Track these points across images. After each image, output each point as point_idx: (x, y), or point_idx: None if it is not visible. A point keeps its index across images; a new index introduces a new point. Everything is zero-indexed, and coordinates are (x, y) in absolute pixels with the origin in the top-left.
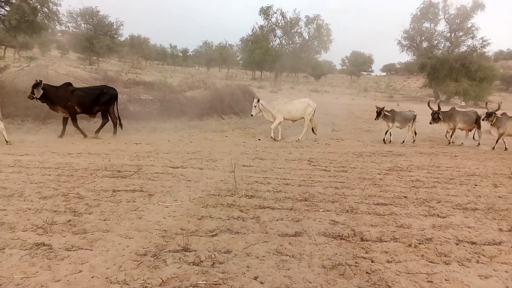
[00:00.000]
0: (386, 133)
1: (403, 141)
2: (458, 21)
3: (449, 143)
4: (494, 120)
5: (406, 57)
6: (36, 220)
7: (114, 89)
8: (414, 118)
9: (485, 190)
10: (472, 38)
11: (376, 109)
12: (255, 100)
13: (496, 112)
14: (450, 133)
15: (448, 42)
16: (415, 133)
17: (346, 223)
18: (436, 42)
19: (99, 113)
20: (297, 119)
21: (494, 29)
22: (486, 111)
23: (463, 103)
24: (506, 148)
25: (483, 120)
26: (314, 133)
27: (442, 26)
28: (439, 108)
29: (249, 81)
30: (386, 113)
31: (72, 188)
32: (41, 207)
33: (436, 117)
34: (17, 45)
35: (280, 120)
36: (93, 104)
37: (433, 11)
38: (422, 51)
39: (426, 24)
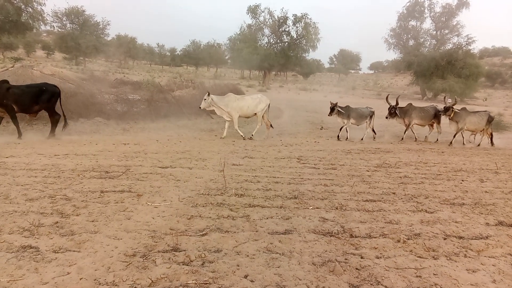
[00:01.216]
0: (340, 130)
1: (362, 139)
2: (444, 19)
3: (403, 139)
4: (452, 115)
5: (393, 55)
6: (23, 223)
7: (55, 86)
8: (371, 115)
9: (472, 185)
10: (458, 35)
11: (330, 105)
12: (206, 93)
13: (454, 107)
14: (409, 129)
15: (434, 40)
16: (374, 131)
17: (335, 220)
18: (422, 40)
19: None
20: (250, 115)
21: (479, 27)
22: (444, 105)
23: (449, 100)
24: (492, 143)
25: (441, 114)
26: (270, 127)
27: (428, 24)
28: (397, 103)
29: (238, 80)
30: (340, 109)
31: (59, 189)
32: (27, 209)
33: (392, 112)
34: (1, 45)
35: (236, 117)
36: (32, 102)
37: (419, 9)
38: (408, 49)
39: (413, 22)
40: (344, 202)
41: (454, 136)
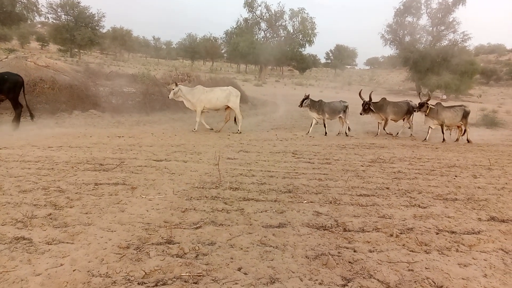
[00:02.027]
0: (311, 125)
1: (338, 133)
2: (440, 16)
3: (378, 134)
4: (427, 111)
5: (389, 51)
6: (16, 214)
7: (18, 75)
8: (344, 109)
9: (465, 181)
10: (454, 32)
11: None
12: (174, 83)
13: (429, 102)
14: (383, 124)
15: (430, 36)
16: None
17: (329, 214)
18: (418, 36)
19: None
20: (219, 108)
21: (475, 24)
22: (419, 101)
23: (444, 96)
24: (469, 140)
25: (415, 111)
26: (235, 121)
27: (424, 20)
28: (370, 99)
29: (234, 74)
30: (311, 102)
31: (53, 181)
32: (20, 200)
33: (366, 108)
34: None
35: (200, 109)
36: None
37: (415, 6)
38: (404, 45)
39: (409, 18)
40: (338, 197)
41: (443, 133)
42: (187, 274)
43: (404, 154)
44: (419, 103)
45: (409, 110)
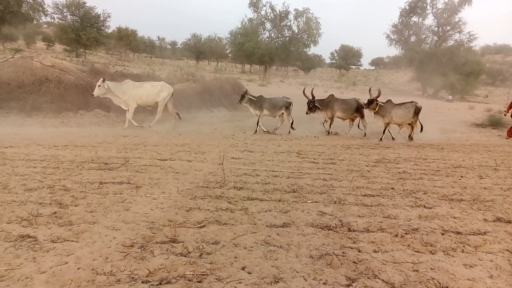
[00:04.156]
0: (258, 123)
1: (274, 129)
2: (446, 16)
3: (329, 133)
4: (376, 108)
5: (394, 51)
6: (21, 212)
7: None
8: (287, 105)
9: (471, 182)
10: (459, 32)
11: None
12: (100, 79)
13: (378, 99)
14: (329, 123)
15: (435, 36)
16: (292, 123)
17: (333, 214)
18: (424, 36)
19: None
20: (151, 104)
21: (481, 24)
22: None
23: (450, 97)
24: (412, 138)
25: (364, 108)
26: (179, 117)
27: (430, 21)
28: (313, 97)
29: (239, 74)
30: (251, 97)
31: (58, 180)
32: (26, 199)
33: (311, 106)
34: (2, 36)
35: (133, 106)
36: None
37: (421, 6)
38: (410, 45)
39: (414, 18)
40: (342, 197)
41: (384, 132)
42: (191, 273)
43: (410, 154)
44: (368, 100)
45: (358, 108)
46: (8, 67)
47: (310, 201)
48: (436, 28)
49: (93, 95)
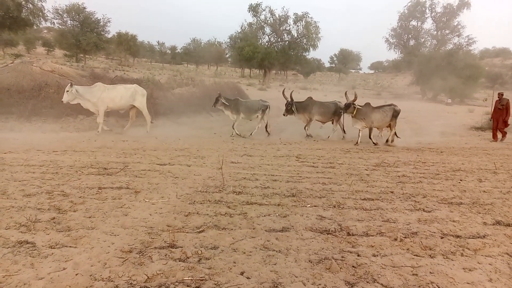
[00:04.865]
0: (233, 126)
1: (251, 134)
2: (445, 19)
3: (307, 135)
4: (354, 112)
5: (393, 55)
6: (20, 218)
7: None
8: (263, 108)
9: (470, 185)
10: (458, 36)
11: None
12: (68, 84)
13: (355, 103)
14: (307, 125)
15: (434, 40)
16: (267, 126)
17: (333, 218)
18: (423, 40)
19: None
20: (124, 108)
21: (480, 28)
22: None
23: (449, 100)
24: (392, 141)
25: (342, 112)
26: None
27: (429, 24)
28: (292, 99)
29: (238, 78)
30: (225, 101)
31: (57, 185)
32: (24, 204)
33: (289, 108)
34: (2, 42)
35: (104, 109)
36: None
37: (420, 10)
38: (409, 49)
39: (413, 22)
40: (342, 201)
41: (370, 137)
42: (189, 278)
43: (409, 158)
44: (345, 104)
45: (337, 111)
46: (8, 72)
47: (309, 205)
48: (435, 32)
49: (62, 101)
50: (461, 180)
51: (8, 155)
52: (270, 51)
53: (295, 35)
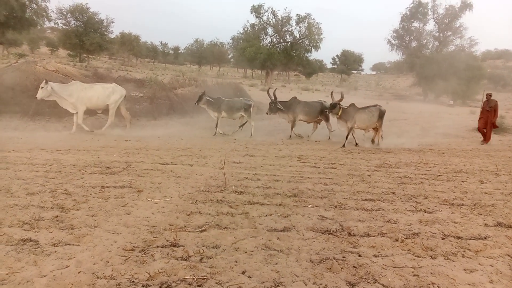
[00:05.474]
0: (216, 126)
1: (251, 135)
2: (447, 21)
3: (290, 136)
4: (339, 113)
5: (395, 56)
6: (23, 216)
7: None
8: (246, 107)
9: (472, 187)
10: (460, 37)
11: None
12: (44, 81)
13: (341, 103)
14: (291, 125)
15: (436, 42)
16: (245, 124)
17: (334, 218)
18: (425, 41)
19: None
20: (101, 107)
21: (482, 29)
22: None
23: (451, 102)
24: (374, 141)
25: (327, 112)
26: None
27: (431, 26)
28: (275, 97)
29: (241, 79)
30: (209, 98)
31: (60, 184)
32: (28, 203)
33: (273, 107)
34: (6, 41)
35: (83, 108)
36: None
37: (422, 11)
38: (411, 50)
39: (415, 24)
40: (343, 201)
41: (346, 138)
42: (191, 277)
43: (410, 159)
44: (330, 104)
45: (322, 111)
46: (12, 72)
47: (310, 206)
48: (437, 34)
49: (36, 97)
50: (462, 181)
51: (12, 154)
52: (273, 52)
53: (298, 36)
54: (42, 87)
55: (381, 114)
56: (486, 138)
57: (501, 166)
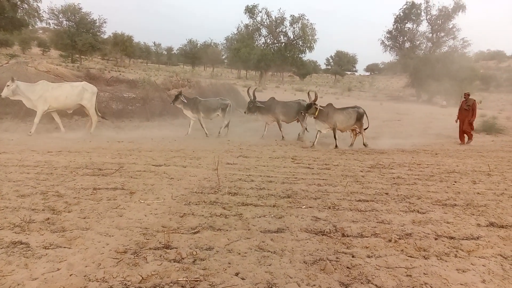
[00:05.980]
0: (190, 126)
1: (219, 133)
2: (440, 22)
3: (283, 137)
4: (316, 113)
5: (389, 57)
6: (14, 219)
7: None
8: (223, 107)
9: (464, 187)
10: (453, 38)
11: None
12: (10, 79)
13: (316, 103)
14: (269, 126)
15: (430, 43)
16: (227, 125)
17: (328, 219)
18: (418, 42)
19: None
20: (71, 107)
21: (475, 31)
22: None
23: (444, 103)
24: (352, 144)
25: (303, 113)
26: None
27: (424, 27)
28: (255, 97)
29: (234, 80)
30: (184, 99)
31: (51, 186)
32: (18, 205)
33: (251, 107)
34: None
35: (43, 109)
36: None
37: (415, 12)
38: (404, 51)
39: (409, 25)
40: (337, 202)
41: (335, 138)
42: (184, 279)
43: (404, 159)
44: (306, 104)
45: (301, 111)
46: (2, 72)
47: (304, 207)
48: (430, 35)
49: (1, 95)
50: (455, 182)
51: (2, 155)
52: (266, 52)
53: (292, 37)
54: (8, 85)
55: (359, 116)
56: (467, 138)
57: (494, 166)
